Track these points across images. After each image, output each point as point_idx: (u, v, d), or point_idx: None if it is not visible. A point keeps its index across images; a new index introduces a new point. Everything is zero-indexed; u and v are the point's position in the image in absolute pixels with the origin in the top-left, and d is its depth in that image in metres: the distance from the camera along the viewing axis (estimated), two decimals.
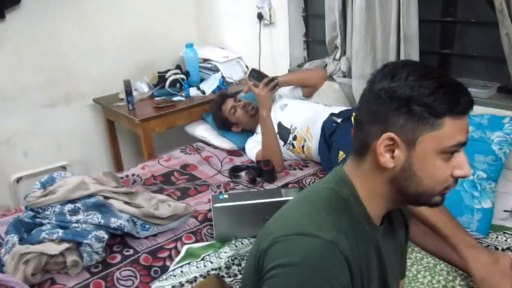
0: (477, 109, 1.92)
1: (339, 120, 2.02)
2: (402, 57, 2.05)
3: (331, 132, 2.01)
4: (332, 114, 2.10)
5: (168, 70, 2.88)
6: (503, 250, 1.52)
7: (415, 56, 2.04)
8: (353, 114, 1.76)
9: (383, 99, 0.79)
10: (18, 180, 2.72)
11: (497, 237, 1.62)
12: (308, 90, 2.43)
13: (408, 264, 1.52)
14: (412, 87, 0.76)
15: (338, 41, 2.38)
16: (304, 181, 2.06)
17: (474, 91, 1.95)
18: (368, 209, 0.84)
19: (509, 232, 1.63)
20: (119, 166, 2.99)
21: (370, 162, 0.83)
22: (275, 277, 0.76)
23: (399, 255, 1.00)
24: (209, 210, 1.81)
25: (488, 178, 1.70)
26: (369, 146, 0.82)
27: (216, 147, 2.51)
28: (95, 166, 2.92)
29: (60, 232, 1.55)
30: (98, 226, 1.61)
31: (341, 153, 1.85)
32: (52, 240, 1.53)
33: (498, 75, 1.96)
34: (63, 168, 2.83)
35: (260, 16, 2.77)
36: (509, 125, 1.77)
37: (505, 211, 1.70)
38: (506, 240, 1.59)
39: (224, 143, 2.52)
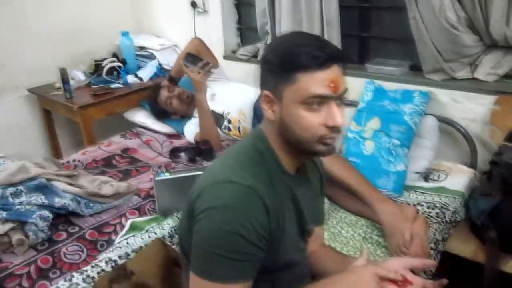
0: (391, 85, 2.17)
1: None
2: None
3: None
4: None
5: (104, 59, 2.91)
6: (414, 205, 1.74)
7: (336, 39, 2.23)
8: None
9: (260, 65, 0.97)
10: None
11: (409, 195, 1.85)
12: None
13: (334, 222, 1.71)
14: (272, 50, 0.93)
15: (268, 27, 2.53)
16: None
17: (389, 69, 2.18)
18: (281, 159, 0.99)
19: (419, 191, 1.87)
20: (58, 156, 2.97)
21: (266, 119, 0.99)
22: (204, 219, 0.89)
23: (316, 203, 1.16)
24: (152, 188, 1.90)
25: (402, 145, 1.92)
26: None
27: (156, 132, 2.60)
28: (33, 157, 2.87)
29: (4, 213, 1.59)
30: (42, 207, 1.66)
31: None
32: None
33: (409, 55, 2.18)
34: None
35: (193, 4, 2.87)
36: (419, 98, 2.01)
37: (416, 172, 1.93)
38: (417, 197, 1.82)
39: (164, 127, 2.61)
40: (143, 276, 1.23)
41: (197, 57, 2.37)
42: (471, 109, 1.99)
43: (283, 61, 0.89)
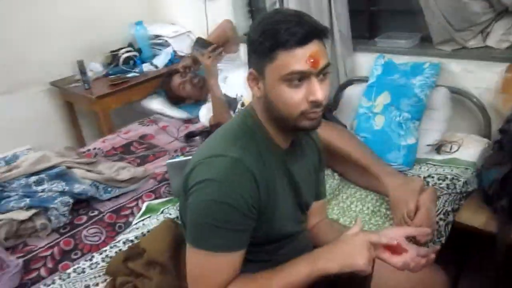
0: (401, 58, 2.14)
1: None
2: (333, 17, 2.22)
3: None
4: None
5: (120, 49, 2.98)
6: (424, 178, 1.74)
7: (344, 15, 2.21)
8: None
9: (246, 44, 0.98)
10: None
11: (420, 168, 1.84)
12: (228, 47, 2.52)
13: (344, 197, 1.73)
14: (254, 29, 0.95)
15: (277, 6, 2.52)
16: None
17: (399, 42, 2.16)
18: (272, 134, 1.02)
19: (431, 163, 1.86)
20: (81, 146, 3.06)
21: (254, 96, 1.02)
22: (195, 192, 0.94)
23: (313, 176, 1.18)
24: (167, 172, 1.96)
25: (412, 118, 1.90)
26: None
27: (172, 117, 2.65)
28: (57, 148, 2.99)
29: (28, 200, 1.69)
30: (63, 193, 1.75)
31: None
32: (21, 208, 1.67)
33: (420, 27, 2.14)
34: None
35: None
36: (429, 70, 1.98)
37: (428, 145, 1.92)
38: (427, 170, 1.82)
39: (180, 113, 2.67)
40: (154, 253, 1.30)
41: (207, 41, 2.40)
42: (483, 78, 1.95)
43: (263, 39, 0.91)
